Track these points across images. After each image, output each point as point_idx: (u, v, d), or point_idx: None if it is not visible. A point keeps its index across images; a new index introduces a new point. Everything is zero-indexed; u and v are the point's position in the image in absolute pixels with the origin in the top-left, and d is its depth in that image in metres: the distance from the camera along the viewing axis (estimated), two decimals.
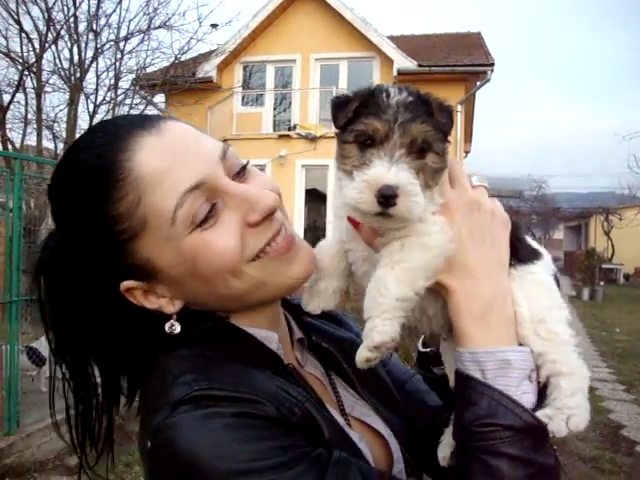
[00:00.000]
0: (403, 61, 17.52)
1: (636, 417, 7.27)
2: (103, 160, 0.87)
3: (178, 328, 0.93)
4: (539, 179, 48.69)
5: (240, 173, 0.96)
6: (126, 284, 0.91)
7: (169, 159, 0.88)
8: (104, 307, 0.95)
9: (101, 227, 0.88)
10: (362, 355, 0.86)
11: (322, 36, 18.68)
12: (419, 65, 17.41)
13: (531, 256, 0.95)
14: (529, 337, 0.89)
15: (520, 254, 0.94)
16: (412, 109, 0.84)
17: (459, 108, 17.70)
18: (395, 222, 0.84)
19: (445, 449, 1.02)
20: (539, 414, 0.82)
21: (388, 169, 0.81)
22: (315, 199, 17.30)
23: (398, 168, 0.81)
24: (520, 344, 0.89)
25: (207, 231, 0.88)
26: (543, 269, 0.95)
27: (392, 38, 18.80)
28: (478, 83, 17.60)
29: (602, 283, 24.33)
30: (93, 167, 0.87)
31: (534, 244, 1.00)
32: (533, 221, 47.75)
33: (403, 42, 19.00)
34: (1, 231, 5.28)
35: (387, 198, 0.80)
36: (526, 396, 0.84)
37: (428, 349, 1.09)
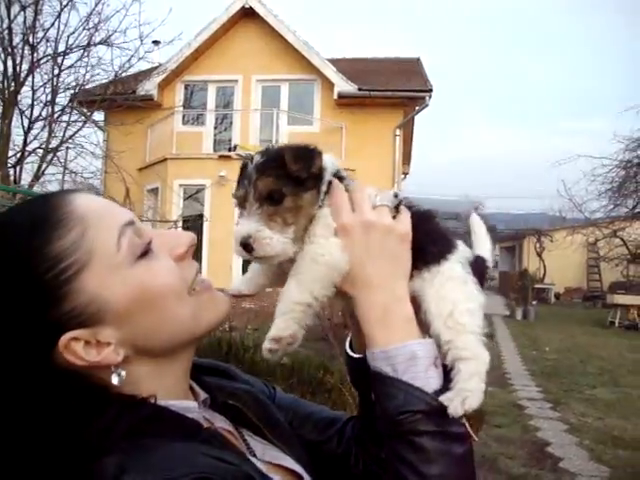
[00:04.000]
0: (344, 84, 17.86)
1: (561, 434, 7.54)
2: (42, 210, 0.91)
3: (123, 373, 0.91)
4: (476, 200, 49.80)
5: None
6: (69, 335, 0.87)
7: (102, 205, 0.96)
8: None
9: (42, 271, 0.86)
10: (265, 346, 1.03)
11: (264, 58, 18.88)
12: (359, 89, 17.78)
13: (442, 254, 1.09)
14: (439, 328, 1.03)
15: (429, 257, 1.08)
16: (262, 168, 1.03)
17: (397, 132, 18.16)
18: (267, 260, 1.04)
19: None
20: (442, 398, 0.96)
21: (242, 225, 1.02)
22: None
23: (249, 221, 1.02)
24: (427, 336, 1.04)
25: (151, 260, 0.95)
26: (454, 264, 1.09)
27: (333, 61, 19.13)
28: (417, 108, 18.08)
29: (535, 302, 25.11)
30: (31, 217, 0.90)
31: (447, 237, 1.15)
32: (470, 242, 48.81)
33: (344, 65, 19.34)
34: None
35: (245, 246, 1.01)
36: (432, 381, 0.98)
37: (359, 355, 1.18)
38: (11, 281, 0.85)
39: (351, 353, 1.21)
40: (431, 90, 17.76)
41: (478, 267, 1.15)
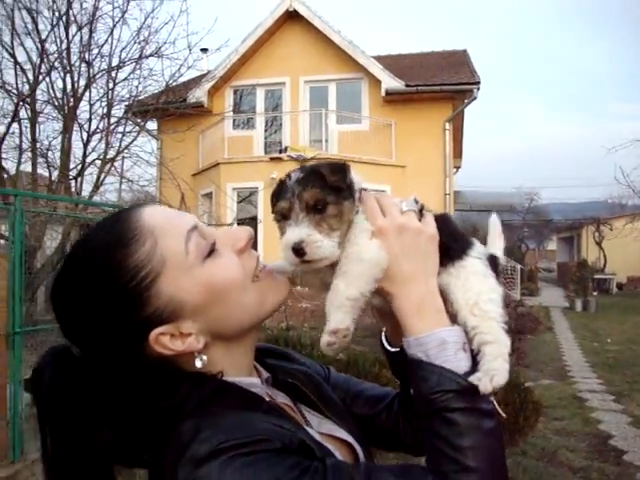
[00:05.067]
0: (391, 81, 17.86)
1: (624, 427, 7.43)
2: (117, 228, 1.05)
3: (205, 358, 1.07)
4: (531, 191, 48.80)
5: None
6: (156, 331, 1.03)
7: (167, 215, 1.10)
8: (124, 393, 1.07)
9: (126, 282, 1.01)
10: (324, 340, 1.12)
11: (310, 59, 19.08)
12: (406, 85, 17.75)
13: (463, 252, 1.21)
14: (466, 316, 1.14)
15: (453, 254, 1.20)
16: (304, 182, 1.12)
17: (447, 126, 18.04)
18: (316, 263, 1.12)
19: None
20: (472, 378, 1.06)
21: (293, 231, 1.10)
22: None
23: (299, 228, 1.10)
24: (454, 324, 1.13)
25: (216, 258, 1.08)
26: (475, 260, 1.20)
27: (379, 58, 19.18)
28: (465, 101, 17.94)
29: (595, 293, 24.50)
30: (109, 236, 1.04)
31: (464, 236, 1.26)
32: (525, 233, 47.75)
33: (390, 62, 19.37)
34: (2, 262, 5.45)
35: (297, 250, 1.09)
36: (462, 363, 1.08)
37: (396, 349, 1.30)
38: (103, 294, 1.01)
39: (388, 347, 1.33)
40: (479, 82, 17.58)
41: (493, 263, 1.26)
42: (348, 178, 1.15)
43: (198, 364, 1.07)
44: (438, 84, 17.84)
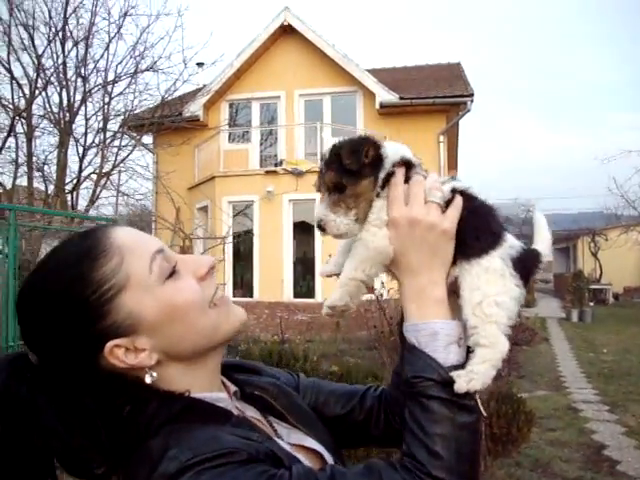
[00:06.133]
0: (385, 94, 17.98)
1: (619, 437, 7.42)
2: (88, 243, 1.10)
3: (155, 374, 1.10)
4: (526, 203, 48.96)
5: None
6: (112, 343, 1.06)
7: (136, 237, 1.15)
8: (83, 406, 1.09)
9: (89, 294, 1.05)
10: (323, 311, 1.24)
11: (305, 72, 19.22)
12: (400, 98, 17.87)
13: (483, 249, 1.19)
14: (468, 315, 1.16)
15: (470, 250, 1.19)
16: (327, 164, 1.22)
17: (441, 138, 18.14)
18: (337, 237, 1.24)
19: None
20: (453, 373, 1.09)
21: (317, 209, 1.23)
22: (303, 232, 17.45)
23: (320, 207, 1.22)
24: (454, 319, 1.16)
25: (177, 280, 1.13)
26: (495, 258, 1.18)
27: (373, 71, 19.29)
28: (460, 113, 18.06)
29: (591, 304, 24.52)
30: (79, 249, 1.09)
31: (495, 232, 1.22)
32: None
33: (384, 75, 19.53)
34: None
35: (319, 226, 1.22)
36: (452, 356, 1.12)
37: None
38: (64, 302, 1.06)
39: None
40: (472, 95, 17.69)
41: (529, 260, 1.24)
42: (368, 157, 1.19)
43: (148, 380, 1.10)
44: (432, 97, 17.96)
